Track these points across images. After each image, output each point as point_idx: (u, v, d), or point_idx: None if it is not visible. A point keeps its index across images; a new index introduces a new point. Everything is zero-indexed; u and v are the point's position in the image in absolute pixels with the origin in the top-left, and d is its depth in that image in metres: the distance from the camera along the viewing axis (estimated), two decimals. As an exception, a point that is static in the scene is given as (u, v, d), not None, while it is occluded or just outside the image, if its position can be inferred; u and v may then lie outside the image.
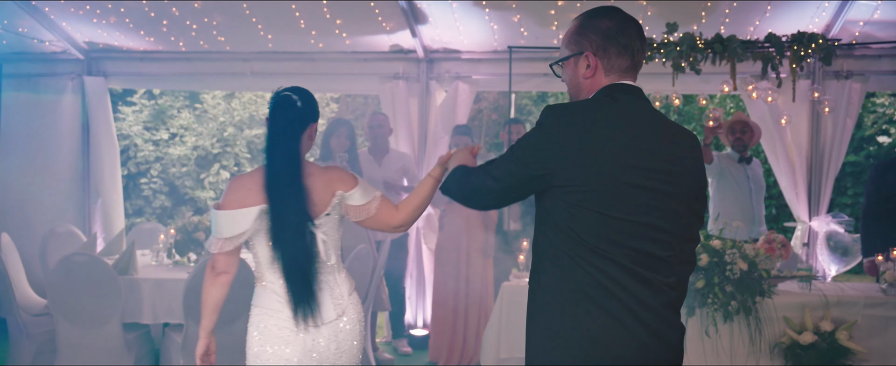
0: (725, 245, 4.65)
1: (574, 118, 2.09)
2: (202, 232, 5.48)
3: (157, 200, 10.11)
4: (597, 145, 2.05)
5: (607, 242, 2.05)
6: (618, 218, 2.05)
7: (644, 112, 2.15)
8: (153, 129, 10.21)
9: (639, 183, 2.06)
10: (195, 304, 4.56)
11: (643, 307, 2.06)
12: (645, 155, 2.08)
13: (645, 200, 2.07)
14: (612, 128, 2.07)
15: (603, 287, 2.05)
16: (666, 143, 2.12)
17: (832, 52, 4.92)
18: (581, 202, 2.05)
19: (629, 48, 2.17)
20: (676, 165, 2.13)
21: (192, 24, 6.36)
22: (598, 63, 2.18)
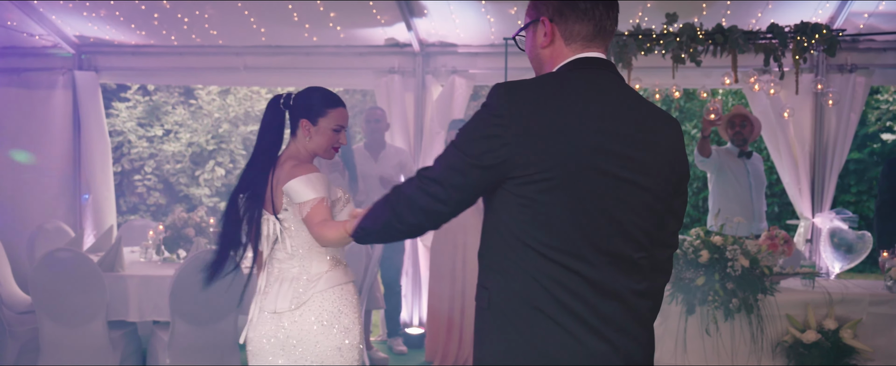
0: (726, 241, 4.54)
1: (526, 95, 1.77)
2: (192, 228, 5.37)
3: (151, 197, 10.01)
4: (555, 126, 1.74)
5: (569, 243, 1.77)
6: (582, 212, 1.76)
7: (615, 89, 1.85)
8: (147, 125, 10.11)
9: (607, 171, 1.77)
10: (182, 301, 4.45)
11: (605, 323, 1.80)
12: (614, 139, 1.78)
13: (613, 191, 1.78)
14: (573, 106, 1.77)
15: (560, 302, 1.78)
16: (641, 126, 1.83)
17: (836, 44, 4.79)
18: (539, 196, 1.75)
19: (590, 12, 1.87)
20: (652, 153, 1.83)
21: (183, 17, 6.25)
22: (555, 29, 1.89)
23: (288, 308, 2.73)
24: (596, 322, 1.79)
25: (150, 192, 10.01)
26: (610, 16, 1.91)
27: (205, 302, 4.48)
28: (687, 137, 11.77)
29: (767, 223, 5.79)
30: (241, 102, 10.02)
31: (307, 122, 2.78)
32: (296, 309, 2.73)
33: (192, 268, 4.41)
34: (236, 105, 9.99)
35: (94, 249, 5.68)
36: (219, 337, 4.57)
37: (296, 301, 2.73)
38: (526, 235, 1.78)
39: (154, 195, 10.01)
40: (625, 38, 4.76)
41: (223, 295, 4.56)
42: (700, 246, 4.55)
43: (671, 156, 1.88)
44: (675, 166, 1.89)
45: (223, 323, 4.56)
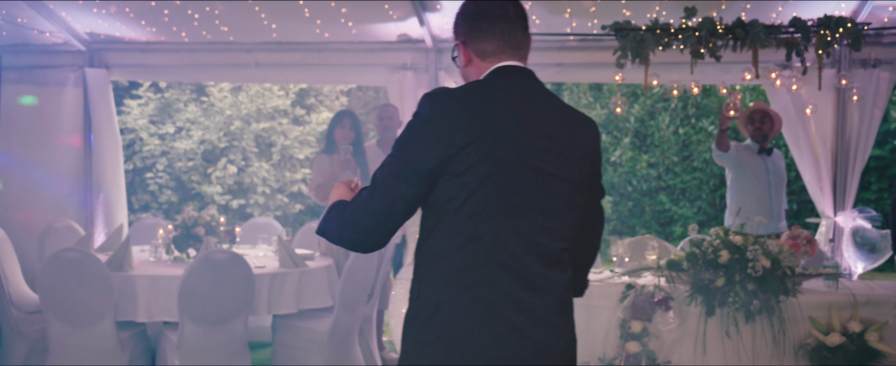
0: (747, 241, 4.42)
1: (451, 100, 1.96)
2: (202, 227, 5.30)
3: (163, 195, 9.97)
4: (479, 127, 1.92)
5: (494, 236, 1.92)
6: (506, 206, 1.92)
7: (534, 93, 2.04)
8: (159, 122, 10.07)
9: (529, 165, 1.94)
10: (191, 302, 4.38)
11: (527, 313, 1.93)
12: (535, 136, 1.96)
13: (535, 184, 1.95)
14: (495, 108, 1.96)
15: (483, 294, 1.92)
16: (559, 125, 2.02)
17: (861, 38, 4.65)
18: (466, 192, 1.91)
19: (492, 31, 2.07)
20: (570, 148, 2.03)
21: (193, 13, 6.19)
22: (468, 50, 2.11)
23: None
24: (517, 314, 1.93)
25: (162, 190, 9.97)
26: (514, 30, 2.08)
27: (214, 303, 4.41)
28: (704, 134, 11.64)
29: (787, 222, 5.66)
30: (253, 99, 9.96)
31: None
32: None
33: (202, 268, 4.34)
34: (248, 102, 9.94)
35: (104, 248, 5.62)
36: (229, 338, 4.50)
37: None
38: (453, 229, 1.93)
39: (166, 193, 9.97)
40: (643, 32, 4.64)
41: (233, 295, 4.49)
42: (720, 246, 4.43)
43: (587, 152, 2.08)
44: (590, 161, 2.09)
45: (233, 324, 4.49)
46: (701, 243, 4.50)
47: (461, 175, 1.91)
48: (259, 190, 9.95)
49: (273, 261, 5.30)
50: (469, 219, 1.92)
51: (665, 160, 11.91)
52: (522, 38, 2.11)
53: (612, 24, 4.84)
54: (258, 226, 6.74)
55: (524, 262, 1.94)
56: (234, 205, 9.92)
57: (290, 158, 10.15)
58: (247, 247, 5.91)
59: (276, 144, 10.06)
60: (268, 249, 5.77)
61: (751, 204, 5.35)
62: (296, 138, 10.06)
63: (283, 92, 10.10)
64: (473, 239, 1.92)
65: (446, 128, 1.92)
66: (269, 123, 9.99)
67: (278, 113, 10.13)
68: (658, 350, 4.47)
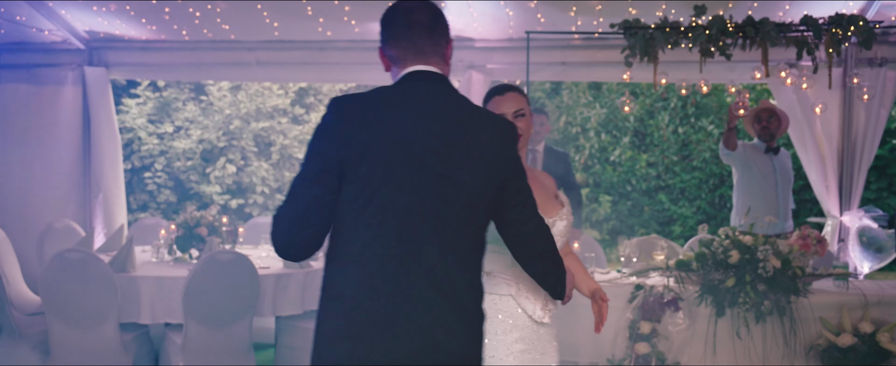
0: (757, 241, 4.39)
1: (352, 105, 2.07)
2: (204, 227, 5.25)
3: (161, 195, 9.89)
4: (378, 129, 2.02)
5: (391, 235, 2.01)
6: (403, 206, 2.01)
7: (439, 96, 2.10)
8: (158, 122, 9.99)
9: (426, 167, 2.02)
10: (196, 303, 4.32)
11: (426, 313, 2.01)
12: (434, 138, 2.03)
13: (433, 186, 2.03)
14: (398, 112, 2.05)
15: (379, 289, 2.00)
16: (459, 127, 2.07)
17: (873, 37, 4.62)
18: (367, 192, 2.01)
19: (399, 38, 2.14)
20: (469, 150, 2.06)
21: (195, 11, 6.12)
22: (384, 56, 2.20)
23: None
24: (416, 312, 2.00)
25: (161, 189, 9.90)
26: (415, 37, 2.13)
27: (220, 304, 4.36)
28: (703, 134, 11.60)
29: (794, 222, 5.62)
30: (253, 98, 9.88)
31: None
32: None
33: (207, 269, 4.29)
34: (248, 101, 9.86)
35: (105, 249, 5.56)
36: (233, 340, 4.45)
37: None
38: (357, 229, 2.01)
39: (164, 193, 9.89)
40: (652, 31, 4.60)
41: (239, 296, 4.43)
42: (730, 246, 4.40)
43: (491, 153, 2.09)
44: (499, 164, 2.11)
45: (238, 325, 4.44)
46: (711, 244, 4.47)
47: (361, 178, 2.01)
48: (258, 190, 9.89)
49: (276, 261, 5.25)
50: (371, 219, 2.00)
51: (664, 160, 11.87)
52: (426, 44, 2.14)
53: (621, 22, 4.80)
54: (259, 226, 6.68)
55: (423, 262, 2.01)
56: (232, 204, 9.84)
57: (289, 158, 10.08)
58: (249, 247, 5.86)
59: (275, 143, 10.00)
60: (270, 249, 5.72)
61: (758, 204, 5.31)
62: (295, 138, 9.99)
63: (282, 91, 10.03)
64: (375, 239, 2.00)
65: (346, 132, 2.01)
66: (268, 122, 9.92)
67: (277, 112, 10.06)
68: (667, 351, 4.44)
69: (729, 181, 11.50)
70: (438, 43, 2.17)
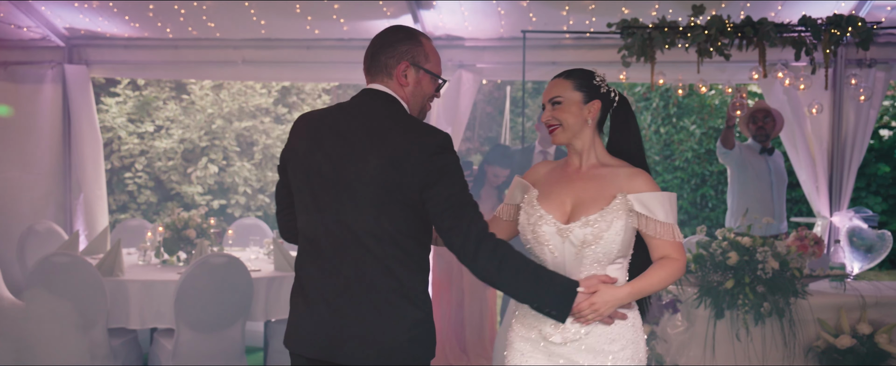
0: (755, 243, 4.36)
1: (302, 119, 2.44)
2: (193, 229, 5.14)
3: (142, 196, 9.72)
4: (305, 140, 2.36)
5: (311, 238, 2.33)
6: (316, 212, 2.31)
7: (361, 108, 2.35)
8: (138, 121, 9.82)
9: (329, 174, 2.28)
10: (188, 308, 4.22)
11: (334, 311, 2.28)
12: (342, 146, 2.28)
13: (336, 191, 2.27)
14: (322, 124, 2.35)
15: (304, 288, 2.36)
16: (367, 138, 2.27)
17: (871, 37, 4.62)
18: (296, 194, 2.39)
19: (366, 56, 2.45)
20: (369, 158, 2.24)
21: (180, 8, 6.00)
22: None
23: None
24: (326, 310, 2.29)
25: (141, 190, 9.73)
26: (367, 57, 2.42)
27: (212, 308, 4.26)
28: (685, 134, 11.64)
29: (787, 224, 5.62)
30: (235, 97, 9.74)
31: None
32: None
33: (199, 272, 4.19)
34: (230, 100, 9.72)
35: (89, 252, 5.43)
36: (226, 345, 4.35)
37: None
38: (298, 223, 2.41)
39: (145, 193, 9.72)
40: (650, 30, 4.56)
41: (231, 300, 4.34)
42: (728, 248, 4.38)
43: (392, 161, 2.23)
44: (404, 169, 2.23)
45: (231, 330, 4.34)
46: (709, 245, 4.44)
47: (291, 180, 2.39)
48: (240, 190, 9.75)
49: (267, 264, 5.16)
50: (299, 215, 2.39)
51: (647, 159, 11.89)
52: (371, 63, 2.41)
53: (619, 21, 4.75)
54: (246, 227, 6.58)
55: (328, 259, 2.29)
56: (214, 205, 9.70)
57: (271, 158, 9.95)
58: (237, 249, 5.76)
59: (257, 143, 9.87)
60: (260, 251, 5.62)
61: (753, 204, 5.30)
62: (278, 137, 9.87)
63: (265, 90, 9.90)
64: (301, 233, 2.40)
65: (289, 141, 2.42)
66: (250, 121, 9.78)
67: (260, 111, 9.93)
68: (666, 353, 4.41)
69: (711, 181, 11.55)
70: (381, 62, 2.39)
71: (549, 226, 2.45)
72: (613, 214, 2.40)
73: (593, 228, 2.40)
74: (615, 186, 2.44)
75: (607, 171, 2.49)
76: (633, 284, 2.42)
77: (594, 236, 2.40)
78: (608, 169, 2.50)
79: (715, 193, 11.49)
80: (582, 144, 2.52)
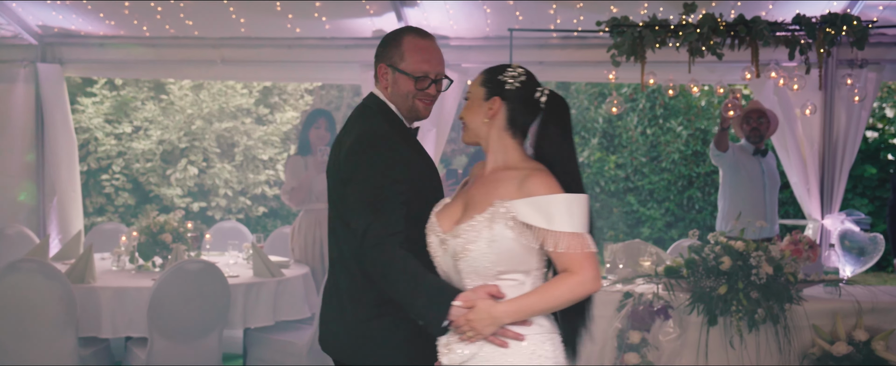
0: (748, 247, 4.25)
1: None
2: (169, 233, 4.96)
3: (119, 198, 9.51)
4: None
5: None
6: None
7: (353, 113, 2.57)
8: (115, 121, 9.60)
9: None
10: (162, 316, 4.05)
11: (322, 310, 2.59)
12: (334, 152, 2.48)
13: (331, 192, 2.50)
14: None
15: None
16: (338, 143, 2.47)
17: (866, 37, 4.52)
18: None
19: None
20: (335, 159, 2.45)
21: (156, 6, 5.83)
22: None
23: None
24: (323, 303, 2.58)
25: (118, 192, 9.52)
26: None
27: (188, 317, 4.10)
28: (672, 135, 11.56)
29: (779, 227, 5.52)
30: (215, 97, 9.54)
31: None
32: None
33: (174, 279, 4.03)
34: (210, 101, 9.52)
35: (61, 257, 5.24)
36: (202, 354, 4.18)
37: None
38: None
39: (122, 196, 9.51)
40: (640, 29, 4.44)
41: (208, 308, 4.18)
42: (721, 252, 4.26)
43: (338, 161, 2.41)
44: (339, 169, 2.40)
45: (207, 339, 4.18)
46: (701, 250, 4.32)
47: None
48: (221, 192, 9.56)
49: (245, 269, 5.00)
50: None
51: (633, 161, 11.80)
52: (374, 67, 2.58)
53: (609, 20, 4.63)
54: (225, 231, 6.41)
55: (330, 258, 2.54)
56: (194, 208, 9.50)
57: (253, 159, 9.77)
58: (216, 254, 5.58)
59: (238, 144, 9.68)
60: (238, 255, 5.46)
61: (745, 207, 5.17)
62: (259, 138, 9.69)
63: (246, 90, 9.71)
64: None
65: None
66: (231, 122, 9.60)
67: (241, 112, 9.74)
68: (657, 361, 4.28)
69: (697, 183, 11.48)
70: (375, 68, 2.57)
71: (433, 235, 2.26)
72: (483, 224, 2.13)
73: (462, 239, 2.15)
74: (501, 192, 2.15)
75: (506, 174, 2.20)
76: (515, 300, 2.12)
77: (462, 249, 2.15)
78: (509, 172, 2.20)
79: (701, 195, 11.42)
80: (487, 145, 2.26)
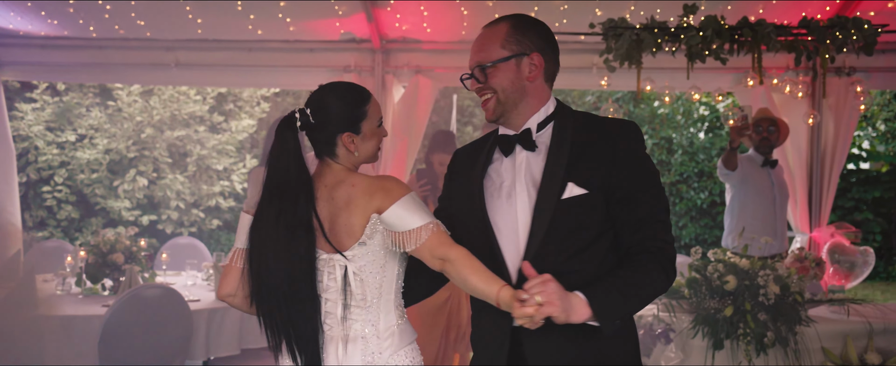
0: (754, 264, 3.98)
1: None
2: (120, 253, 4.51)
3: (62, 211, 8.94)
4: None
5: None
6: None
7: None
8: (58, 129, 9.04)
9: None
10: (115, 348, 3.61)
11: None
12: None
13: None
14: None
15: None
16: None
17: (875, 41, 4.31)
18: None
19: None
20: None
21: (105, 4, 5.39)
22: (541, 68, 2.18)
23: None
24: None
25: (61, 205, 8.94)
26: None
27: (144, 348, 3.67)
28: (640, 143, 11.37)
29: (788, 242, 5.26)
30: (167, 104, 9.04)
31: (350, 134, 2.19)
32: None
33: (129, 306, 3.59)
34: (161, 107, 9.02)
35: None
36: (161, 390, 3.75)
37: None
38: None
39: (65, 209, 8.94)
40: (638, 31, 4.15)
41: (167, 338, 3.75)
42: (725, 271, 3.98)
43: None
44: None
45: (166, 373, 3.74)
46: (704, 269, 4.04)
47: None
48: (172, 204, 9.05)
49: (206, 291, 4.58)
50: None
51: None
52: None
53: (605, 21, 4.33)
54: (181, 248, 5.95)
55: None
56: (144, 221, 8.98)
57: (206, 169, 9.28)
58: (172, 274, 5.13)
59: (191, 153, 9.18)
60: (198, 275, 5.02)
61: (754, 223, 4.88)
62: (213, 148, 9.21)
63: (199, 97, 9.24)
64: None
65: None
66: (183, 130, 9.10)
67: (194, 120, 9.25)
68: (659, 388, 3.99)
69: (669, 190, 11.32)
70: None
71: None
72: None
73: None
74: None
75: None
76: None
77: None
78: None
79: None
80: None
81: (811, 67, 5.53)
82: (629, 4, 5.15)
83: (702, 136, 11.45)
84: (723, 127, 10.97)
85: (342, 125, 2.17)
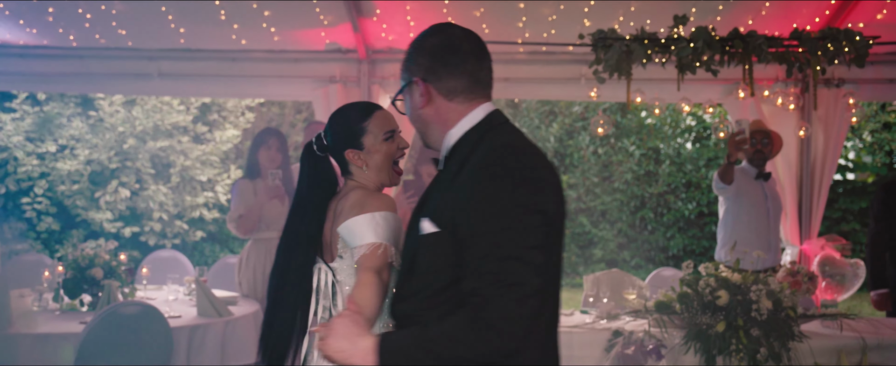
0: (746, 279, 3.92)
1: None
2: (99, 268, 4.39)
3: (42, 223, 8.77)
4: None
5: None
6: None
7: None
8: (38, 140, 8.88)
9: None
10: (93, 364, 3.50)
11: None
12: None
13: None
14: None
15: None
16: None
17: (867, 53, 4.28)
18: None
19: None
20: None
21: (85, 13, 5.29)
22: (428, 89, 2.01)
23: None
24: None
25: (41, 217, 8.78)
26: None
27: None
28: (624, 154, 11.36)
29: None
30: (149, 114, 8.91)
31: (353, 150, 2.29)
32: None
33: (107, 324, 3.48)
34: (144, 118, 8.88)
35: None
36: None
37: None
38: None
39: (45, 221, 8.78)
40: (628, 42, 4.09)
41: (146, 357, 3.64)
42: (717, 286, 3.92)
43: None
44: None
45: (145, 393, 3.63)
46: (695, 283, 3.98)
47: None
48: (155, 216, 8.91)
49: (188, 307, 4.46)
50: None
51: (585, 181, 11.57)
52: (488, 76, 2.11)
53: (594, 32, 4.27)
54: (163, 261, 5.83)
55: None
56: (126, 233, 8.83)
57: (190, 181, 9.15)
58: (153, 289, 5.01)
59: (174, 164, 9.05)
60: (179, 290, 4.90)
61: (748, 236, 4.83)
62: (197, 158, 9.08)
63: (183, 107, 9.11)
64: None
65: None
66: (167, 141, 8.97)
67: (177, 130, 9.12)
68: (650, 405, 3.91)
69: (650, 203, 11.29)
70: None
71: None
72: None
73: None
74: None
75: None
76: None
77: None
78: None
79: (654, 216, 11.24)
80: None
81: (801, 79, 5.51)
82: (619, 15, 5.11)
83: (689, 146, 11.43)
84: (711, 137, 10.96)
85: (344, 143, 2.27)
